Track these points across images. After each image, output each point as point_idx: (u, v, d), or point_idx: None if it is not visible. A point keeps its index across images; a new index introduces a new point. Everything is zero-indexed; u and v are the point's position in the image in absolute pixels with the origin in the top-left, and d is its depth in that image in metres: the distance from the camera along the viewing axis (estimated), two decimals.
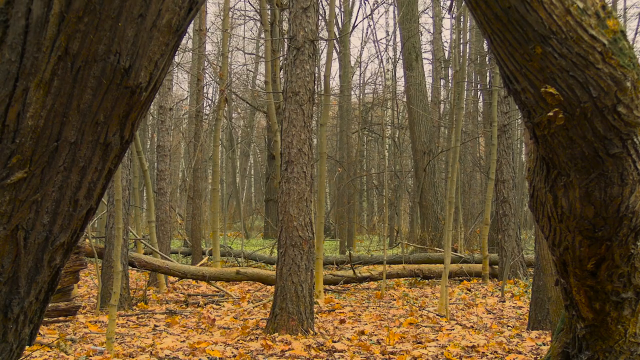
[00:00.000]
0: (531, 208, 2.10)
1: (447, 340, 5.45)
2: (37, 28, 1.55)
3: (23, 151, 1.61)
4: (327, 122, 9.93)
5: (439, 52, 17.31)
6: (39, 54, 1.56)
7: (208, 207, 18.04)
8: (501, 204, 10.12)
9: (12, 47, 1.56)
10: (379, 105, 17.11)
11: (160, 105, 10.65)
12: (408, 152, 19.71)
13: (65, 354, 4.88)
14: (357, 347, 5.14)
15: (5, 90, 1.57)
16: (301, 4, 5.97)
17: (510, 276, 9.73)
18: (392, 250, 14.97)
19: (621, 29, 1.67)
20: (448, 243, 7.52)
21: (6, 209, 1.63)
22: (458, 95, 8.54)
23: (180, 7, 1.76)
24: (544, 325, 5.81)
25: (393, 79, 16.82)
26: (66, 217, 1.77)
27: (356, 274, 9.27)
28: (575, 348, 2.21)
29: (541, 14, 1.61)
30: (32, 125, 1.60)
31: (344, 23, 16.26)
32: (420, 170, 13.63)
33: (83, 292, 9.00)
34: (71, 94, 1.63)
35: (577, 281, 2.07)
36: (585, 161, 1.79)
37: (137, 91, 1.78)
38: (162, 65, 1.83)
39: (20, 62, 1.56)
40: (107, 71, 1.66)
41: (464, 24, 10.84)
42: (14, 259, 1.68)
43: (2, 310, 1.72)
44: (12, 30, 1.56)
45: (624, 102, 1.69)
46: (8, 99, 1.58)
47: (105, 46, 1.63)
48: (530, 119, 1.80)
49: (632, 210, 1.85)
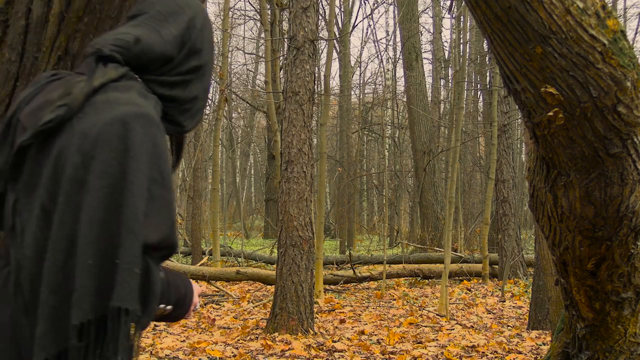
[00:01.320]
0: (531, 208, 2.10)
1: (447, 340, 5.45)
2: (37, 28, 1.55)
3: None
4: (327, 122, 9.93)
5: (439, 52, 17.31)
6: (39, 54, 1.56)
7: (208, 206, 18.03)
8: (501, 204, 10.12)
9: (12, 47, 1.56)
10: (379, 105, 17.12)
11: None
12: (408, 152, 19.70)
13: None
14: (357, 347, 5.14)
15: (5, 90, 1.57)
16: (301, 4, 5.97)
17: (510, 276, 9.73)
18: (392, 250, 14.96)
19: (621, 29, 1.67)
20: (448, 243, 7.52)
21: None
22: (458, 95, 8.54)
23: None
24: (544, 325, 5.81)
25: (393, 79, 16.81)
26: None
27: (356, 274, 9.27)
28: (575, 348, 2.21)
29: (541, 14, 1.61)
30: None
31: (344, 23, 16.26)
32: (420, 170, 13.63)
33: None
34: None
35: (577, 281, 2.07)
36: (585, 161, 1.79)
37: None
38: None
39: (20, 62, 1.56)
40: None
41: (464, 24, 10.84)
42: None
43: None
44: (12, 30, 1.56)
45: (624, 102, 1.69)
46: (8, 98, 1.58)
47: None
48: (530, 118, 1.80)
49: (632, 210, 1.85)
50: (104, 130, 1.08)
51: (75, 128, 1.10)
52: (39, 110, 1.15)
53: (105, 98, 1.12)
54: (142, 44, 1.21)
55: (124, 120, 1.09)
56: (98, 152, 1.07)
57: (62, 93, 1.15)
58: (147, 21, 1.26)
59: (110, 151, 1.07)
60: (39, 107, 1.17)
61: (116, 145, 1.07)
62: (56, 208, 1.08)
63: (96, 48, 1.19)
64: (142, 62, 1.21)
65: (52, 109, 1.12)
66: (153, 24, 1.25)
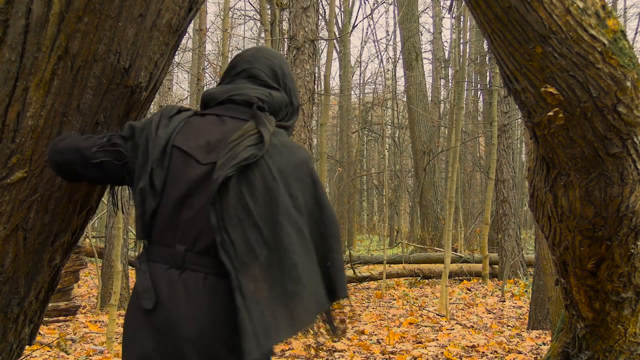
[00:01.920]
0: (531, 208, 2.10)
1: (447, 340, 5.45)
2: (37, 28, 1.55)
3: (23, 151, 1.61)
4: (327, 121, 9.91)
5: (439, 52, 17.30)
6: (38, 54, 1.56)
7: None
8: (501, 204, 10.12)
9: (12, 46, 1.55)
10: (379, 105, 17.11)
11: (160, 105, 10.65)
12: (408, 152, 19.70)
13: (66, 353, 4.88)
14: (357, 347, 5.14)
15: (5, 89, 1.57)
16: (301, 4, 5.97)
17: (510, 276, 9.73)
18: (392, 250, 14.96)
19: (621, 29, 1.67)
20: (448, 243, 7.52)
21: (6, 208, 1.63)
22: (458, 95, 8.54)
23: (180, 7, 1.76)
24: (544, 325, 5.81)
25: (393, 79, 16.81)
26: (66, 217, 1.77)
27: (356, 274, 9.27)
28: (575, 348, 2.21)
29: (541, 14, 1.61)
30: (32, 125, 1.60)
31: (344, 23, 16.26)
32: (420, 170, 13.62)
33: (83, 291, 9.00)
34: (71, 93, 1.63)
35: (577, 281, 2.07)
36: (585, 161, 1.79)
37: (137, 91, 1.78)
38: (162, 65, 1.83)
39: (20, 62, 1.56)
40: (107, 71, 1.66)
41: (464, 24, 10.83)
42: (14, 258, 1.68)
43: (2, 309, 1.72)
44: (12, 30, 1.56)
45: (624, 101, 1.68)
46: (8, 98, 1.58)
47: (105, 46, 1.63)
48: (531, 118, 1.80)
49: (632, 210, 1.85)
50: (296, 169, 1.57)
51: (269, 163, 1.52)
52: (224, 149, 1.52)
53: (281, 142, 1.58)
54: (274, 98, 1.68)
55: (306, 162, 1.60)
56: (299, 183, 1.56)
57: (246, 135, 1.53)
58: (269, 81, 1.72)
59: (305, 186, 1.57)
60: (214, 145, 1.55)
61: (308, 181, 1.58)
62: (283, 225, 1.50)
63: (254, 100, 1.63)
64: (274, 109, 1.68)
65: (244, 149, 1.51)
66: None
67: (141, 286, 1.52)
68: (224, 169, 1.47)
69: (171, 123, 1.59)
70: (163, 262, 1.52)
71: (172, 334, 1.47)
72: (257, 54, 1.74)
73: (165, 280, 1.50)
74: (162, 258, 1.53)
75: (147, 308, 1.48)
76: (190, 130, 1.58)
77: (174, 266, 1.51)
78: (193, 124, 1.60)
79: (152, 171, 1.53)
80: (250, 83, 1.68)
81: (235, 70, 1.73)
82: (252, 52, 1.75)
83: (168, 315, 1.47)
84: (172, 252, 1.52)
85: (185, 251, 1.50)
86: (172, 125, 1.59)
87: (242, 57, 1.74)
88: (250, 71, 1.70)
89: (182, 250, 1.51)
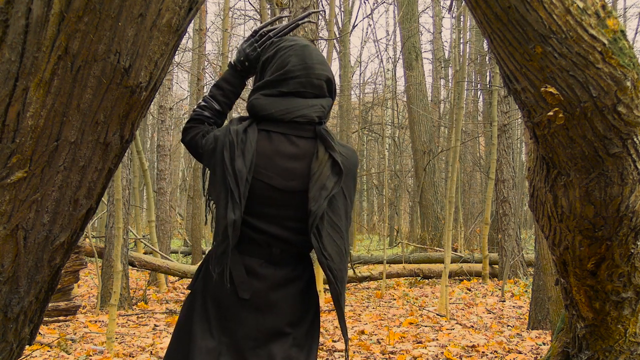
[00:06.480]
0: (531, 208, 2.10)
1: (447, 339, 5.45)
2: (37, 27, 1.55)
3: (23, 151, 1.61)
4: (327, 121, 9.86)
5: (439, 52, 17.31)
6: (39, 54, 1.56)
7: None
8: (501, 204, 10.13)
9: (12, 46, 1.55)
10: (379, 104, 17.12)
11: (160, 105, 10.65)
12: (408, 151, 19.71)
13: (66, 353, 4.88)
14: (357, 347, 5.14)
15: (5, 89, 1.57)
16: (301, 4, 5.97)
17: (510, 276, 9.73)
18: (392, 250, 14.97)
19: (621, 29, 1.67)
20: (448, 242, 7.52)
21: (6, 208, 1.63)
22: (458, 95, 8.54)
23: (180, 7, 1.76)
24: (544, 325, 5.81)
25: (393, 79, 16.82)
26: (66, 217, 1.77)
27: (356, 274, 9.28)
28: (575, 348, 2.21)
29: (541, 14, 1.61)
30: (32, 125, 1.60)
31: (344, 23, 16.26)
32: (420, 170, 13.63)
33: (83, 291, 9.00)
34: (71, 93, 1.63)
35: (577, 281, 2.07)
36: (585, 161, 1.79)
37: (137, 91, 1.77)
38: (162, 64, 1.83)
39: (20, 62, 1.56)
40: (107, 71, 1.66)
41: (464, 24, 10.83)
42: (14, 258, 1.68)
43: (2, 309, 1.72)
44: (12, 30, 1.55)
45: (624, 101, 1.69)
46: (8, 98, 1.57)
47: (105, 46, 1.63)
48: (531, 118, 1.80)
49: (632, 210, 1.85)
50: (350, 172, 1.90)
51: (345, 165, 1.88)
52: (311, 181, 1.83)
53: (339, 152, 1.86)
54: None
55: (356, 165, 1.95)
56: (353, 182, 1.94)
57: (323, 164, 1.83)
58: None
59: (354, 179, 1.94)
60: (292, 172, 1.85)
61: (353, 183, 1.94)
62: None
63: (315, 120, 1.89)
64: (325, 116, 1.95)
65: (327, 178, 1.82)
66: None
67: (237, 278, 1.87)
68: (320, 201, 1.80)
69: (246, 148, 1.80)
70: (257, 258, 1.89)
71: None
72: (312, 61, 1.87)
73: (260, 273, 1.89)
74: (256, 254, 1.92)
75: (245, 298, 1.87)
76: (265, 157, 1.82)
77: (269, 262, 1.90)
78: (265, 149, 1.83)
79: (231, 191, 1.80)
80: (304, 96, 1.86)
81: (290, 75, 1.85)
82: (304, 54, 1.87)
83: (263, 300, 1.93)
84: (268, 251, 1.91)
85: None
86: (248, 155, 1.80)
87: (298, 63, 1.86)
88: (310, 81, 1.87)
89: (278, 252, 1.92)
